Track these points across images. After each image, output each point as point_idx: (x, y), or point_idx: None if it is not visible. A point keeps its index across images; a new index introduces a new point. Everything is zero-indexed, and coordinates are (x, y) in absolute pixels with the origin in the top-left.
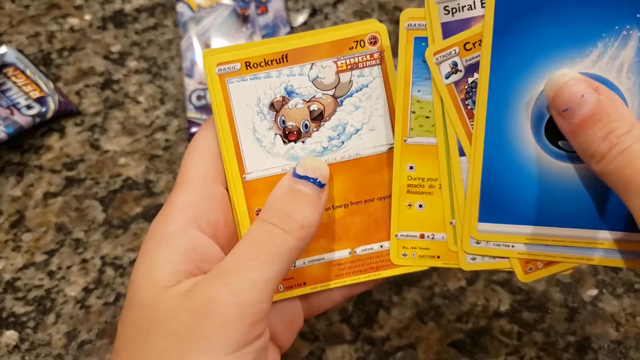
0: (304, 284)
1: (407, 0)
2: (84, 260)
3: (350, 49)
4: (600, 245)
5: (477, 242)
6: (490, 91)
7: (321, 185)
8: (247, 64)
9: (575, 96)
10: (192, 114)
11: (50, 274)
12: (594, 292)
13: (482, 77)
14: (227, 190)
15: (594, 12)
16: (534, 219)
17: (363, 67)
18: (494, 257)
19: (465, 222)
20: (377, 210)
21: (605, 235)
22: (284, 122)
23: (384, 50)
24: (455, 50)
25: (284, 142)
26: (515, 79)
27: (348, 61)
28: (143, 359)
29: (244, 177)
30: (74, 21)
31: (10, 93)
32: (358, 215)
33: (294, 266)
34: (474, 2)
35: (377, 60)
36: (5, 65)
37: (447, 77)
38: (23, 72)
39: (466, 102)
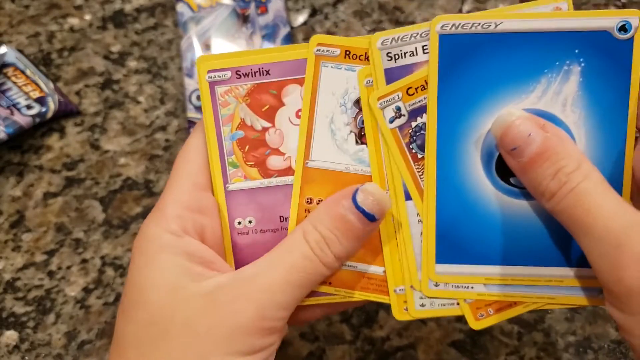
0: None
1: (407, 0)
2: (84, 260)
3: None
4: (560, 282)
5: (436, 285)
6: (439, 131)
7: (374, 220)
8: (347, 52)
9: (522, 135)
10: (192, 114)
11: (50, 274)
12: None
13: (430, 118)
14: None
15: (535, 50)
16: (492, 258)
17: None
18: (443, 305)
19: (423, 263)
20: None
21: (564, 273)
22: (362, 122)
23: None
24: (398, 95)
25: (357, 142)
26: (462, 118)
27: None
28: (159, 357)
29: (306, 163)
30: (74, 21)
31: (10, 93)
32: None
33: None
34: (416, 48)
35: None
36: (5, 65)
37: (391, 122)
38: (23, 72)
39: (410, 146)
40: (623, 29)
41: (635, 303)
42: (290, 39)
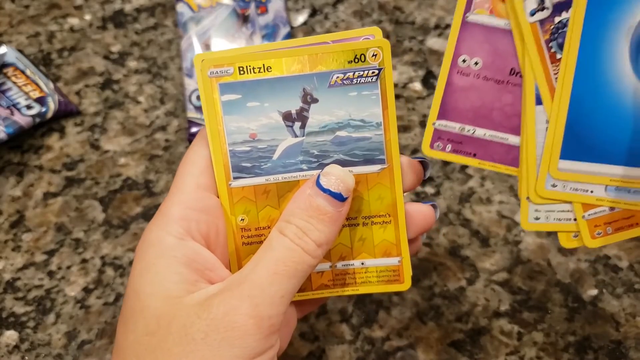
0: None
1: (407, 0)
2: (84, 260)
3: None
4: None
5: (554, 186)
6: (587, 16)
7: (343, 199)
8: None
9: None
10: (192, 114)
11: (50, 274)
12: (594, 292)
13: (578, 2)
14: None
15: None
16: (622, 159)
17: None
18: (559, 219)
19: (544, 159)
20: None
21: None
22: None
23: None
24: None
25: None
26: (613, 5)
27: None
28: None
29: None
30: (74, 21)
31: (10, 93)
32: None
33: None
34: None
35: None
36: (5, 65)
37: (532, 14)
38: (23, 72)
39: (550, 45)
40: None
41: None
42: (290, 39)
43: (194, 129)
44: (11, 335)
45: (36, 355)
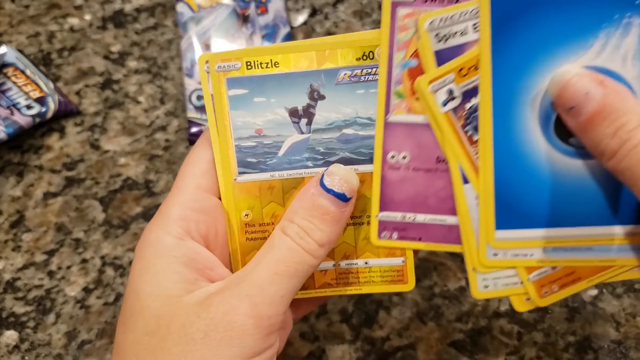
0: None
1: None
2: (84, 260)
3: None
4: (622, 241)
5: (495, 255)
6: (494, 93)
7: (346, 199)
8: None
9: (579, 93)
10: (192, 114)
11: (50, 274)
12: (594, 292)
13: (484, 80)
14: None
15: (593, 3)
16: (551, 221)
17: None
18: (507, 285)
19: (481, 232)
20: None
21: (626, 230)
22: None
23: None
24: (450, 77)
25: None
26: (518, 78)
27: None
28: None
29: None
30: (74, 21)
31: (10, 93)
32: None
33: None
34: (466, 27)
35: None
36: (5, 65)
37: (444, 105)
38: (23, 72)
39: (465, 129)
40: None
41: None
42: (290, 39)
43: (194, 129)
44: (11, 335)
45: (36, 355)
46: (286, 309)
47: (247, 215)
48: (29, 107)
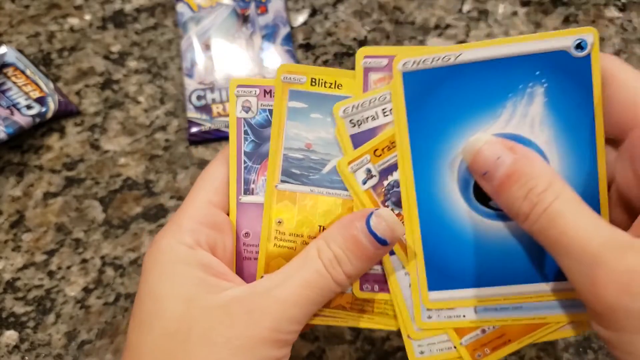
0: None
1: (407, 0)
2: (84, 260)
3: None
4: (550, 297)
5: (429, 317)
6: (414, 164)
7: (386, 244)
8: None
9: (491, 159)
10: (192, 114)
11: (50, 274)
12: None
13: (402, 152)
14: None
15: (497, 76)
16: (480, 281)
17: None
18: (441, 350)
19: (414, 294)
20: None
21: (553, 287)
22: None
23: None
24: (366, 158)
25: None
26: (434, 151)
27: None
28: None
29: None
30: (74, 21)
31: (10, 93)
32: None
33: None
34: (376, 112)
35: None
36: (5, 65)
37: (364, 183)
38: (23, 72)
39: (386, 204)
40: (579, 46)
41: (618, 320)
42: (290, 39)
43: (193, 129)
44: (11, 335)
45: (36, 355)
46: (303, 327)
47: (280, 222)
48: (29, 107)
